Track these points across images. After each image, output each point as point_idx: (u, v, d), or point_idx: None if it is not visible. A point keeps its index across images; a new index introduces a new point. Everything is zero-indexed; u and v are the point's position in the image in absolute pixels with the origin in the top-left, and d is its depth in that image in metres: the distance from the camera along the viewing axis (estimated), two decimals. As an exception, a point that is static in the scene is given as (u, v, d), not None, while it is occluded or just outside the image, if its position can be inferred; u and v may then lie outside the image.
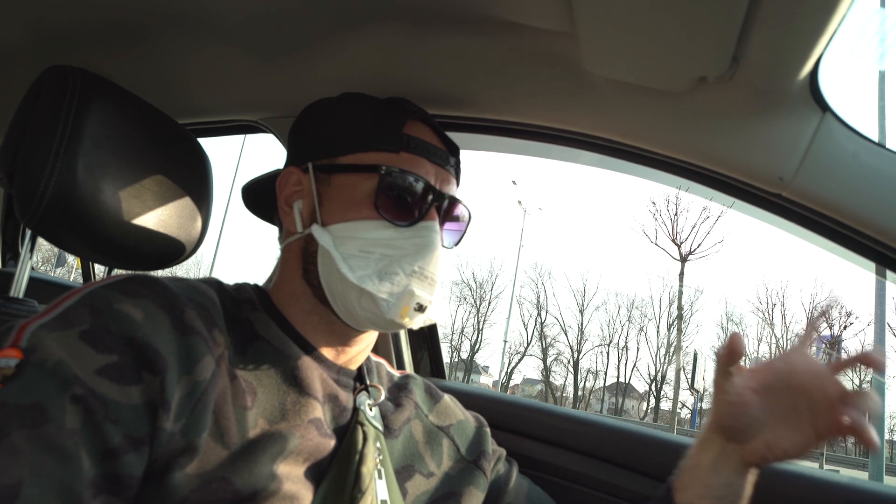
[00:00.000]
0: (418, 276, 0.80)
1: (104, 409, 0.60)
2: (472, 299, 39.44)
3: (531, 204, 37.18)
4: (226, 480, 0.66)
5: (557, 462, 1.24)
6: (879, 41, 1.75)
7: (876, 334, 13.81)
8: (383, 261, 0.80)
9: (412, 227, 0.82)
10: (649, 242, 35.23)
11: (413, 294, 0.79)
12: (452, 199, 0.89)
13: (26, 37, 1.29)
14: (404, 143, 0.85)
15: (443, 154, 0.88)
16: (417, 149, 0.86)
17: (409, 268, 0.80)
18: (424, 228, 0.83)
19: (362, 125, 0.88)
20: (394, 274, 0.79)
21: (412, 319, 0.80)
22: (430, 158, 0.87)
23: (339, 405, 0.83)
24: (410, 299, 0.79)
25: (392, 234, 0.81)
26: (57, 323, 0.63)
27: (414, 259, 0.81)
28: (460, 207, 0.92)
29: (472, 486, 0.95)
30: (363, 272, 0.79)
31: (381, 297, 0.78)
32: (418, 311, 0.80)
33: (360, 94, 0.94)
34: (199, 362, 0.68)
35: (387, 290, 0.78)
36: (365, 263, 0.80)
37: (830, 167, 0.90)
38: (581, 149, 1.16)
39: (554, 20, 0.90)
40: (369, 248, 0.80)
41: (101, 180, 0.93)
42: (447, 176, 0.89)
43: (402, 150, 0.85)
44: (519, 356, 38.62)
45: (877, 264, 0.95)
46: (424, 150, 0.86)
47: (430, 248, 0.82)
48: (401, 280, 0.79)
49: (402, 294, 0.78)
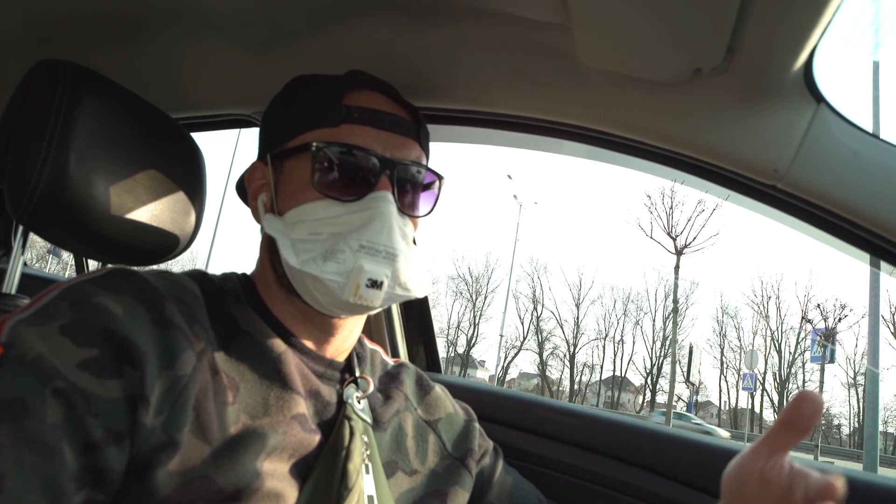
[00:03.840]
0: (368, 250, 0.76)
1: (85, 403, 0.60)
2: (469, 294, 39.51)
3: (527, 198, 37.25)
4: (208, 478, 0.66)
5: (553, 455, 1.24)
6: (874, 31, 1.75)
7: (870, 326, 13.89)
8: (330, 240, 0.77)
9: (360, 201, 0.78)
10: (645, 236, 35.33)
11: (363, 270, 0.74)
12: (406, 163, 0.83)
13: (17, 30, 1.28)
14: (344, 115, 0.81)
15: (393, 118, 0.83)
16: (360, 118, 0.81)
17: (355, 243, 0.76)
18: (372, 199, 0.78)
19: (304, 106, 0.86)
20: (339, 252, 0.76)
21: (367, 297, 0.75)
22: (377, 125, 0.82)
23: (322, 400, 0.82)
24: (360, 276, 0.74)
25: (339, 211, 0.78)
26: (36, 317, 0.63)
27: (361, 233, 0.76)
28: (424, 171, 0.86)
29: (458, 484, 0.94)
30: (307, 255, 0.76)
31: (329, 278, 0.75)
32: (372, 287, 0.75)
33: (308, 75, 0.91)
34: (180, 357, 0.67)
35: (333, 270, 0.75)
36: (312, 246, 0.77)
37: (825, 158, 0.90)
38: (576, 141, 1.16)
39: (547, 11, 0.89)
40: (318, 230, 0.78)
41: (93, 175, 0.92)
42: (401, 141, 0.83)
43: (343, 122, 0.81)
44: (515, 350, 38.76)
45: (871, 256, 0.95)
46: (369, 117, 0.82)
47: (379, 220, 0.77)
48: (347, 258, 0.75)
49: (350, 272, 0.75)
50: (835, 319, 30.69)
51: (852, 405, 35.26)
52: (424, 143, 0.89)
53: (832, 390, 38.89)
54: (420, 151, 0.87)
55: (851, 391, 34.84)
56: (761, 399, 35.34)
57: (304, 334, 0.84)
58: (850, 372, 34.51)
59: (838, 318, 30.59)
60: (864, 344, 30.57)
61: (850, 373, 34.53)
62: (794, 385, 34.74)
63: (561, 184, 63.56)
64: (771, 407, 35.27)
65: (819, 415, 0.63)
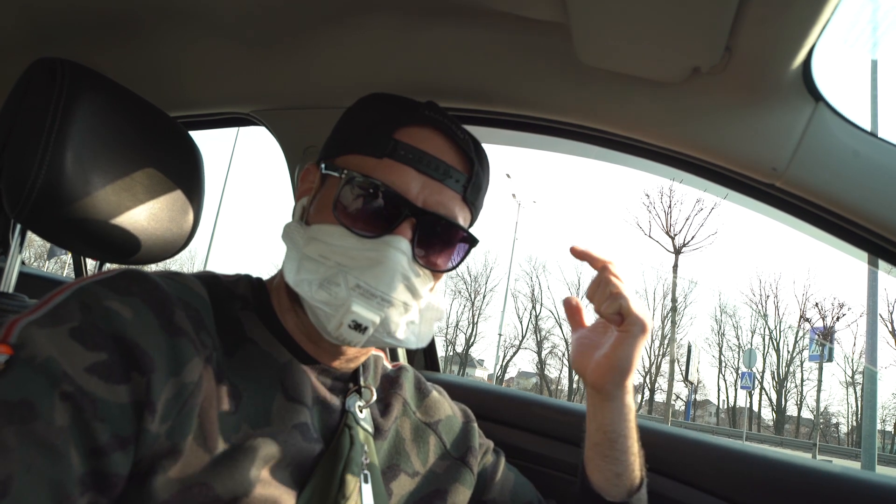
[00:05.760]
0: (362, 292, 0.73)
1: (93, 407, 0.60)
2: (467, 293, 39.50)
3: (525, 197, 37.23)
4: (206, 486, 0.66)
5: (551, 453, 1.24)
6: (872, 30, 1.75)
7: (868, 325, 13.90)
8: (333, 269, 0.75)
9: (374, 240, 0.76)
10: (643, 234, 35.33)
11: (349, 311, 0.72)
12: (435, 215, 0.78)
13: (15, 28, 1.27)
14: (390, 149, 0.78)
15: (440, 165, 0.79)
16: (405, 157, 0.78)
17: (353, 281, 0.73)
18: (384, 243, 0.75)
19: (358, 126, 0.84)
20: (335, 285, 0.74)
21: (348, 337, 0.73)
22: (420, 168, 0.78)
23: (327, 408, 0.82)
24: (346, 315, 0.72)
25: (352, 244, 0.76)
26: (47, 319, 0.63)
27: (362, 274, 0.74)
28: (456, 230, 0.82)
29: (459, 483, 0.94)
30: (306, 276, 0.75)
31: (316, 305, 0.74)
32: (355, 329, 0.73)
33: (385, 94, 0.88)
34: (187, 365, 0.67)
35: (322, 300, 0.74)
36: (316, 268, 0.76)
37: (823, 157, 0.90)
38: (574, 140, 1.16)
39: (546, 10, 0.89)
40: (327, 254, 0.76)
41: (91, 173, 0.92)
42: (440, 189, 0.79)
43: (387, 156, 0.78)
44: (514, 349, 38.75)
45: (869, 254, 0.95)
46: (414, 158, 0.78)
47: (383, 266, 0.74)
48: (340, 293, 0.73)
49: (339, 307, 0.73)
50: (833, 318, 30.72)
51: (850, 404, 35.29)
52: (471, 197, 0.83)
53: (830, 389, 39.02)
54: (462, 205, 0.82)
55: (849, 390, 34.88)
56: (759, 398, 35.44)
57: (309, 347, 0.83)
58: (848, 370, 34.56)
59: (836, 316, 30.62)
60: (862, 342, 30.63)
61: (848, 371, 34.57)
62: (792, 384, 34.85)
63: (559, 183, 63.60)
64: (769, 406, 35.38)
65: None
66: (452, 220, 0.80)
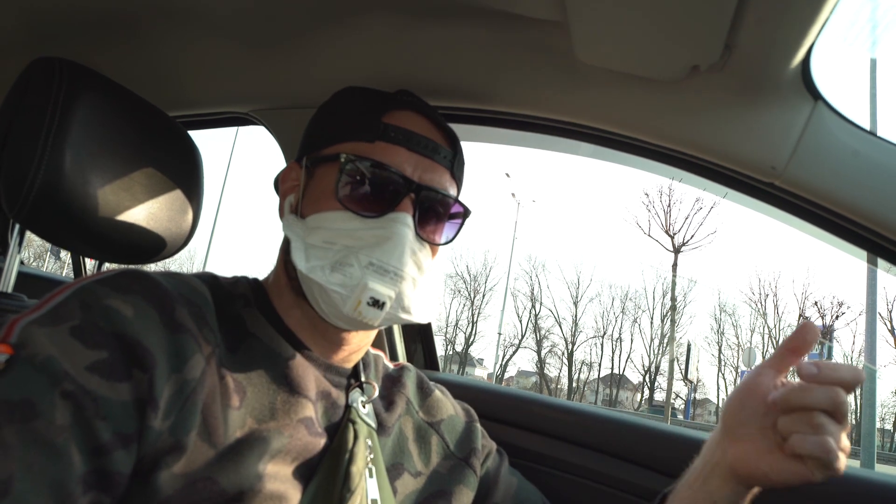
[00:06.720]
0: (376, 269, 0.76)
1: (94, 406, 0.60)
2: (467, 292, 39.50)
3: (525, 196, 37.25)
4: (212, 480, 0.66)
5: (551, 452, 1.24)
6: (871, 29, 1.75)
7: (867, 323, 13.91)
8: (341, 252, 0.77)
9: (378, 219, 0.79)
10: (643, 233, 35.37)
11: (367, 287, 0.74)
12: (432, 189, 0.83)
13: (14, 27, 1.27)
14: (380, 132, 0.82)
15: (429, 143, 0.84)
16: (396, 138, 0.82)
17: (365, 259, 0.76)
18: (390, 220, 0.78)
19: (344, 116, 0.87)
20: (348, 266, 0.76)
21: (367, 315, 0.75)
22: (411, 147, 0.82)
23: (331, 402, 0.83)
24: (363, 293, 0.74)
25: (356, 226, 0.78)
26: (47, 318, 0.63)
27: (372, 251, 0.76)
28: (450, 200, 0.86)
29: (462, 484, 0.94)
30: (317, 262, 0.77)
31: (332, 288, 0.75)
32: (373, 306, 0.75)
33: (359, 87, 0.92)
34: (189, 361, 0.68)
35: (338, 282, 0.75)
36: (324, 254, 0.77)
37: (822, 156, 0.90)
38: (574, 139, 1.16)
39: (544, 9, 0.89)
40: (332, 239, 0.78)
41: (90, 173, 0.92)
42: (432, 166, 0.84)
43: (378, 139, 0.82)
44: (513, 348, 38.76)
45: (868, 253, 0.95)
46: (405, 138, 0.82)
47: (392, 241, 0.77)
48: (354, 272, 0.75)
49: (355, 287, 0.75)
50: (832, 317, 30.74)
51: (849, 402, 35.33)
52: (458, 172, 0.89)
53: (829, 387, 38.63)
54: (451, 180, 0.87)
55: (849, 388, 34.83)
56: (759, 396, 35.34)
57: (312, 342, 0.84)
58: (847, 369, 34.46)
59: (836, 315, 30.63)
60: (861, 341, 30.66)
61: (847, 369, 34.47)
62: (791, 382, 34.72)
63: (559, 182, 63.60)
64: (768, 404, 35.25)
65: (817, 341, 0.73)
66: (447, 194, 0.85)
